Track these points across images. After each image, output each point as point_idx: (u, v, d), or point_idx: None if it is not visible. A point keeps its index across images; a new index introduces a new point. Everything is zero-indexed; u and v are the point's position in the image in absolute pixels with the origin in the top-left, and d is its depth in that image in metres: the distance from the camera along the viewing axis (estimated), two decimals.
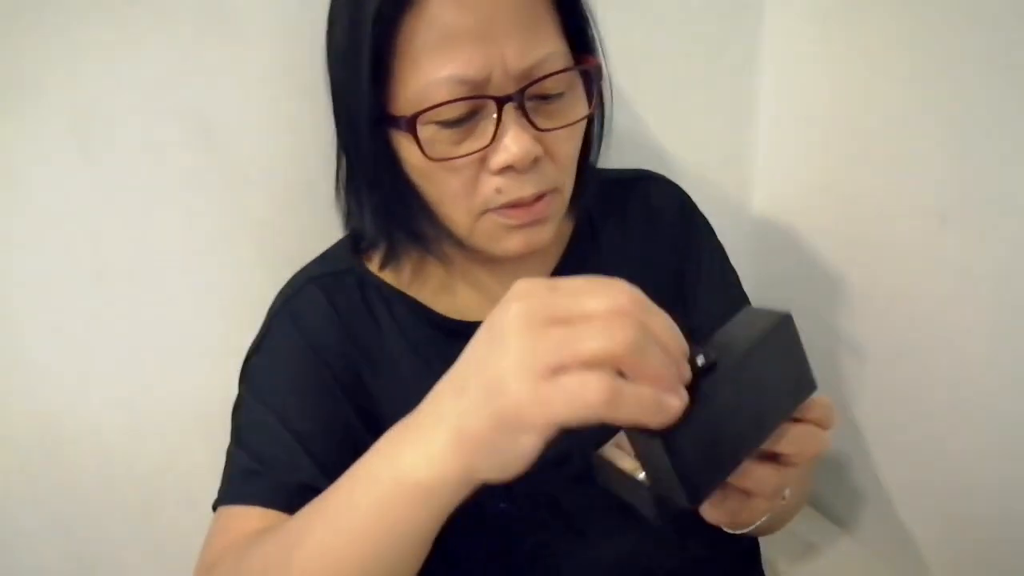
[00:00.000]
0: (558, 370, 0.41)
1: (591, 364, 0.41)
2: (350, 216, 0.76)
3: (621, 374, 0.42)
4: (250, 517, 0.65)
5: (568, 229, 0.82)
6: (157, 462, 0.96)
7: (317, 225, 0.87)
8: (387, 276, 0.77)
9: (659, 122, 1.08)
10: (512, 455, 0.44)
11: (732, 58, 1.11)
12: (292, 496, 0.63)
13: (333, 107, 0.71)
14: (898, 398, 1.06)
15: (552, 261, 0.81)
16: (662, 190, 0.86)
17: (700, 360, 0.47)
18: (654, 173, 0.87)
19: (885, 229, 1.00)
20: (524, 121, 0.63)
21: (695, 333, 0.81)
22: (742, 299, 0.86)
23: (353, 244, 0.79)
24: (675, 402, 0.42)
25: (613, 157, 0.81)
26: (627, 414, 0.41)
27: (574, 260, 0.81)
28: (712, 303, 0.83)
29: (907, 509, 1.11)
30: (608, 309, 0.42)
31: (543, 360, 0.41)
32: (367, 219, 0.72)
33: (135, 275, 0.88)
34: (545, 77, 0.63)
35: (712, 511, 0.56)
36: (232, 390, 0.92)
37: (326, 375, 0.72)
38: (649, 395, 0.42)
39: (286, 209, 0.92)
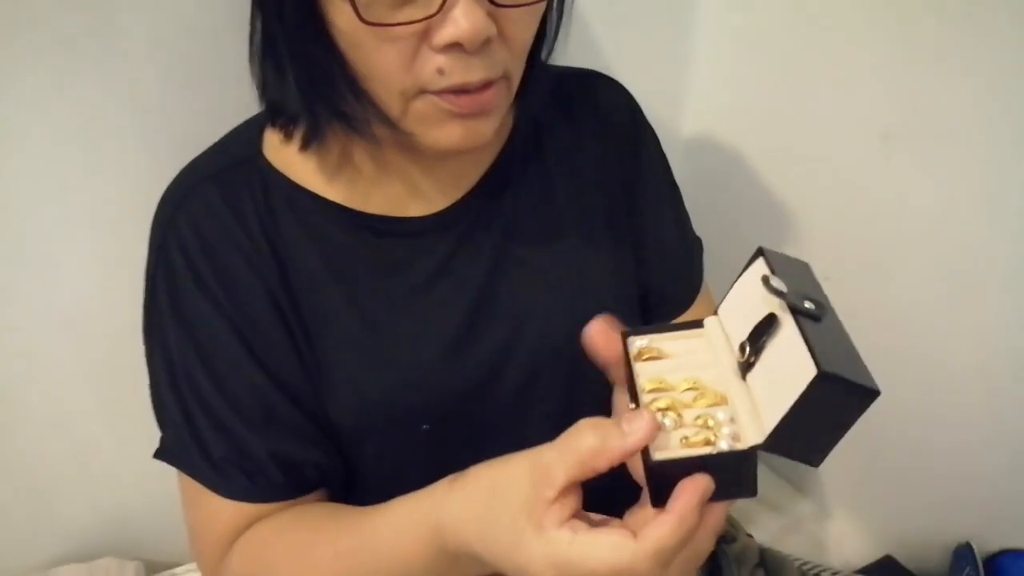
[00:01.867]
0: None
1: None
2: (266, 87, 0.66)
3: None
4: (241, 512, 0.67)
5: (508, 124, 0.74)
6: (18, 373, 0.86)
7: (211, 102, 0.78)
8: (305, 170, 0.68)
9: (589, 28, 1.02)
10: None
11: None
12: (278, 487, 0.67)
13: None
14: None
15: (489, 158, 0.73)
16: (611, 92, 0.80)
17: (808, 305, 0.45)
18: (601, 73, 0.81)
19: (825, 147, 0.99)
20: None
21: (639, 234, 0.77)
22: (684, 213, 0.84)
23: (270, 120, 0.69)
24: None
25: None
26: None
27: (514, 160, 0.74)
28: (660, 215, 0.80)
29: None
30: None
31: None
32: (287, 91, 0.63)
33: None
34: None
35: None
36: (106, 290, 0.84)
37: (238, 312, 0.66)
38: None
39: (175, 81, 0.81)
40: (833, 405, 0.42)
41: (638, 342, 0.53)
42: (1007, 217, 0.81)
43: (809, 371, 0.40)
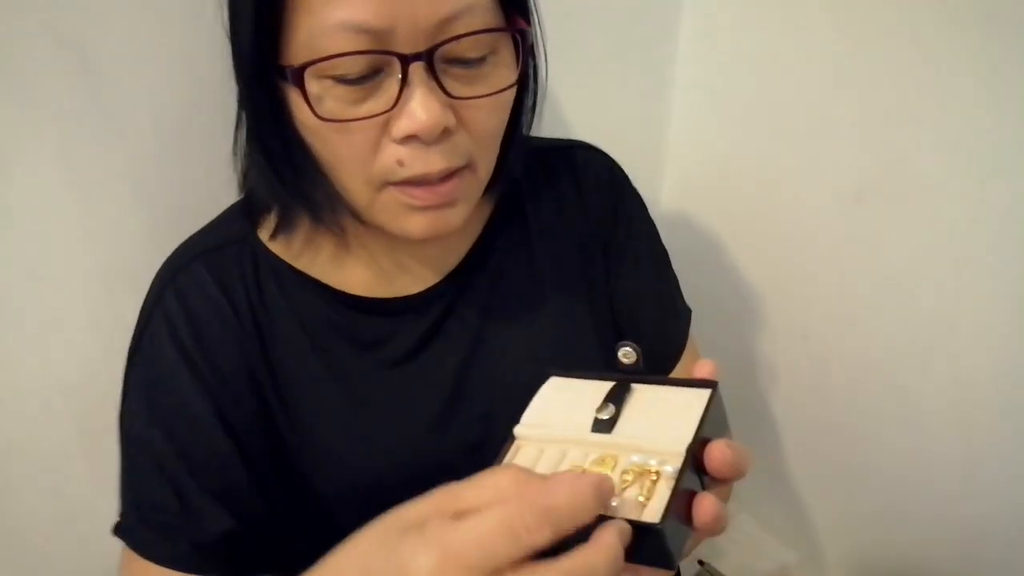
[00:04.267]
0: None
1: None
2: (246, 176, 0.68)
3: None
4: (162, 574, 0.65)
5: (491, 203, 0.76)
6: (13, 442, 0.86)
7: (207, 176, 0.80)
8: (278, 247, 0.70)
9: (568, 97, 1.04)
10: None
11: (647, 32, 1.09)
12: (205, 555, 0.65)
13: (231, 49, 0.62)
14: (801, 377, 1.10)
15: (471, 239, 0.75)
16: (593, 161, 0.81)
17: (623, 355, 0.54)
18: (584, 143, 0.83)
19: (798, 208, 1.02)
20: (434, 84, 0.55)
21: (618, 298, 0.78)
22: (670, 277, 0.83)
23: (247, 208, 0.71)
24: None
25: None
26: None
27: (498, 237, 0.75)
28: (639, 278, 0.80)
29: (804, 486, 1.16)
30: None
31: None
32: (258, 181, 0.65)
33: None
34: (461, 36, 0.55)
35: None
36: (100, 360, 0.85)
37: (215, 381, 0.67)
38: None
39: (174, 155, 0.83)
40: (718, 406, 0.51)
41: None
42: (978, 272, 0.84)
43: (703, 393, 0.51)
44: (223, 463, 0.66)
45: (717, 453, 0.47)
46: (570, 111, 1.05)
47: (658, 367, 0.80)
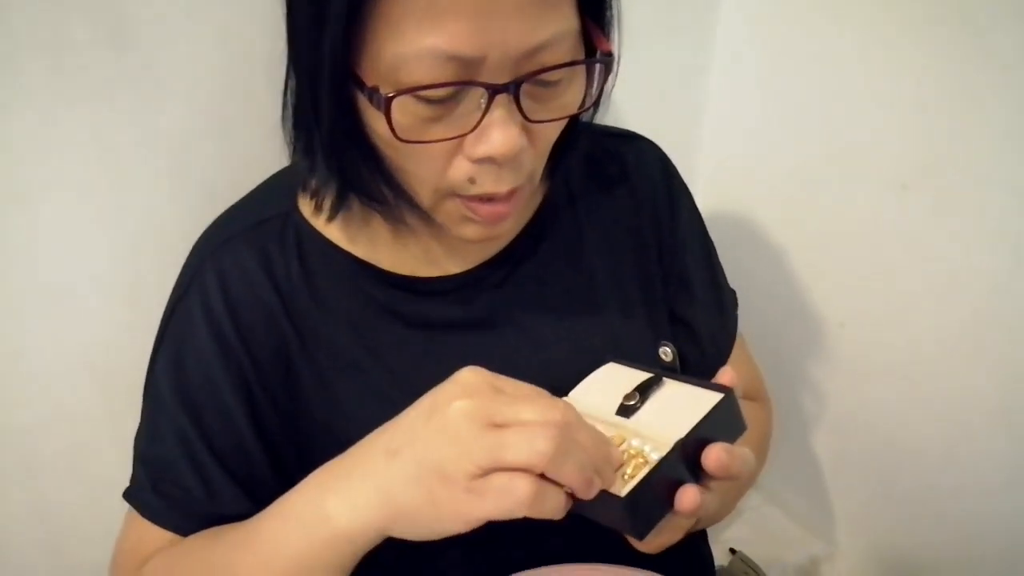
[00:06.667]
0: (490, 470, 0.48)
1: (518, 469, 0.47)
2: (295, 154, 0.66)
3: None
4: (167, 538, 0.67)
5: (542, 190, 0.74)
6: (40, 413, 0.85)
7: (244, 152, 0.80)
8: (329, 227, 0.69)
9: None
10: (430, 531, 0.51)
11: (685, 15, 1.08)
12: (213, 525, 0.66)
13: (288, 39, 0.60)
14: (836, 367, 1.09)
15: (519, 224, 0.73)
16: (646, 152, 0.79)
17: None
18: (634, 132, 0.81)
19: (842, 195, 1.01)
20: (514, 108, 0.54)
21: (673, 288, 0.78)
22: (719, 266, 0.83)
23: (291, 182, 0.70)
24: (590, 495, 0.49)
25: None
26: (546, 513, 0.48)
27: (548, 222, 0.74)
28: (697, 272, 0.79)
29: (836, 477, 1.16)
30: (538, 420, 0.48)
31: (479, 460, 0.47)
32: (319, 172, 0.64)
33: (23, 197, 0.77)
34: (548, 69, 0.54)
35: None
36: (128, 337, 0.85)
37: (249, 366, 0.66)
38: (563, 499, 0.49)
39: (209, 130, 0.82)
40: (728, 409, 0.56)
41: None
42: None
43: (715, 396, 0.56)
44: (247, 451, 0.66)
45: (713, 455, 0.52)
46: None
47: (715, 356, 0.80)
